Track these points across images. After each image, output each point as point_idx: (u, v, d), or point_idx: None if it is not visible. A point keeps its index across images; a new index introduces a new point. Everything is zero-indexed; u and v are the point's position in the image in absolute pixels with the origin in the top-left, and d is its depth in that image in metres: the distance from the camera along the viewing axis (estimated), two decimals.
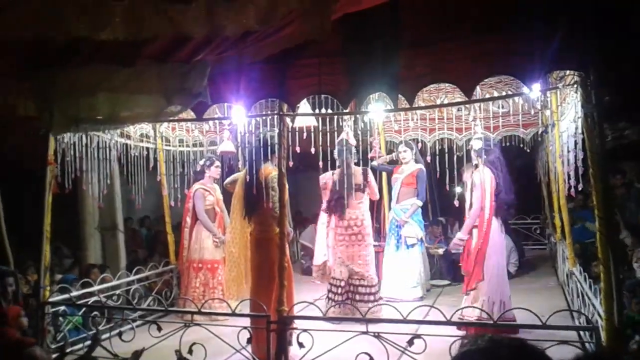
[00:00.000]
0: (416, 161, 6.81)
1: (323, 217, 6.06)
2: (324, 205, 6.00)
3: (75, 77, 3.53)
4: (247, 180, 4.83)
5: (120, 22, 2.75)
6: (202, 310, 4.74)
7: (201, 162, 6.63)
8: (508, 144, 7.04)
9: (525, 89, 4.37)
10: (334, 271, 5.85)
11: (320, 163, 4.81)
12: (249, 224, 4.96)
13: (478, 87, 4.22)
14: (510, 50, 3.75)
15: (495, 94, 5.07)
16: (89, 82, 3.60)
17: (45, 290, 4.96)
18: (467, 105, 5.28)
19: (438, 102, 5.42)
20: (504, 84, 5.11)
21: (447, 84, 4.62)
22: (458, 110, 5.84)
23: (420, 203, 6.77)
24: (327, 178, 5.91)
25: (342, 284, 5.78)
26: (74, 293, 5.23)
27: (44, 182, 4.99)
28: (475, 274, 5.18)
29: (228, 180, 5.22)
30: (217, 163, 6.55)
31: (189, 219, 6.52)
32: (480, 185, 5.26)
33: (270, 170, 4.83)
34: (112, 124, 4.44)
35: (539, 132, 6.91)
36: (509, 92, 5.14)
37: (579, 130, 3.76)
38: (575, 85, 3.74)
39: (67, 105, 3.71)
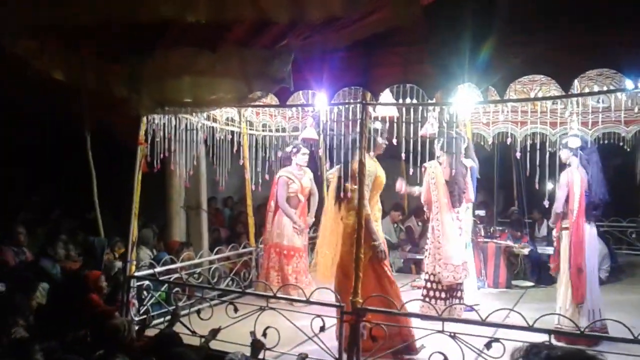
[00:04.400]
0: (466, 156, 6.49)
1: (445, 212, 5.62)
2: (445, 198, 5.64)
3: (162, 60, 3.63)
4: (342, 170, 4.75)
5: (205, 5, 2.77)
6: (278, 295, 4.79)
7: (288, 149, 6.60)
8: (606, 141, 6.58)
9: (628, 84, 4.06)
10: (432, 268, 5.63)
11: (403, 154, 4.69)
12: (341, 212, 4.86)
13: (576, 80, 3.95)
14: (614, 42, 3.48)
15: (596, 88, 4.72)
16: (176, 65, 3.69)
17: (131, 264, 5.20)
18: (563, 99, 4.97)
19: (532, 94, 5.12)
20: (605, 77, 4.74)
21: (542, 75, 4.36)
22: (553, 103, 5.50)
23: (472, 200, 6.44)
24: (433, 166, 5.71)
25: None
26: (158, 269, 5.45)
27: (135, 161, 5.22)
28: (582, 285, 4.89)
29: (332, 170, 5.17)
30: (305, 150, 6.50)
31: (273, 204, 6.56)
32: (561, 186, 5.03)
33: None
34: (197, 107, 4.54)
35: None
36: (611, 87, 4.76)
37: None
38: None
39: (154, 88, 3.83)
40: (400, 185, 6.16)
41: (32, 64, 3.49)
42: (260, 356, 4.23)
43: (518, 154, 4.70)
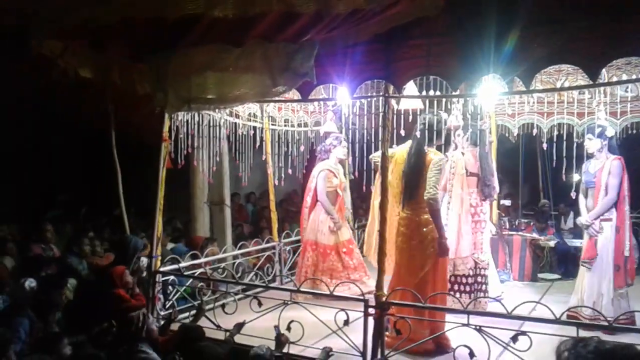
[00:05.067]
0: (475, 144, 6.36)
1: (456, 204, 5.59)
2: (459, 189, 5.59)
3: (186, 57, 3.65)
4: (411, 161, 4.65)
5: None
6: (302, 289, 4.80)
7: (327, 141, 6.38)
8: (635, 131, 6.44)
9: None
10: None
11: (426, 146, 4.65)
12: (403, 206, 4.72)
13: (604, 69, 3.87)
14: None
15: (624, 77, 4.62)
16: (200, 62, 3.71)
17: (156, 259, 5.26)
18: (590, 89, 4.88)
19: (558, 84, 5.03)
20: (634, 65, 4.64)
21: (568, 65, 4.29)
22: (580, 93, 5.40)
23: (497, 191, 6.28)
24: (455, 156, 5.66)
25: (471, 272, 5.50)
26: (183, 264, 5.50)
27: (159, 158, 5.27)
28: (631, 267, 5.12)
29: (376, 154, 4.98)
30: (345, 143, 6.30)
31: (309, 199, 6.40)
32: (617, 174, 5.01)
33: (430, 156, 4.61)
34: (221, 104, 4.55)
35: None
36: None
37: None
38: None
39: (179, 85, 3.85)
40: None
41: (58, 64, 3.55)
42: (285, 350, 4.25)
43: (544, 145, 4.64)
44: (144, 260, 5.58)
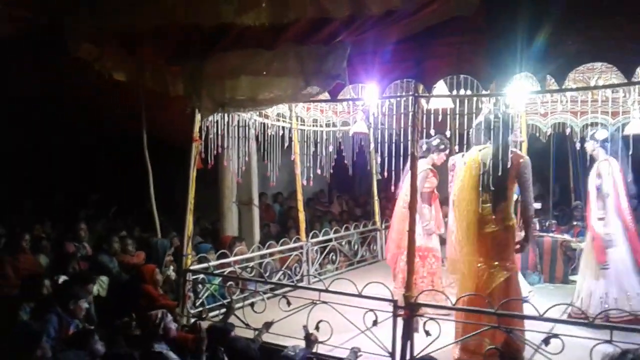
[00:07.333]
0: None
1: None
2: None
3: (220, 61, 3.70)
4: (497, 167, 4.32)
5: (266, 6, 2.80)
6: (329, 289, 4.79)
7: (435, 142, 5.83)
8: None
9: None
10: None
11: (456, 146, 4.61)
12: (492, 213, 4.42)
13: (639, 67, 3.78)
14: None
15: None
16: (233, 65, 3.74)
17: (186, 258, 5.32)
18: (624, 87, 4.78)
19: (592, 83, 4.92)
20: None
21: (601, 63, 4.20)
22: (613, 92, 5.30)
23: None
24: (457, 160, 5.59)
25: None
26: (212, 262, 5.55)
27: (190, 158, 5.33)
28: None
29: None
30: (447, 151, 5.90)
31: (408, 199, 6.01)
32: (610, 176, 5.11)
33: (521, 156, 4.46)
34: (254, 106, 4.57)
35: None
36: None
37: None
38: None
39: (213, 88, 3.89)
40: None
41: (94, 67, 3.63)
42: (314, 349, 4.26)
43: (578, 145, 4.58)
44: (170, 269, 5.63)
